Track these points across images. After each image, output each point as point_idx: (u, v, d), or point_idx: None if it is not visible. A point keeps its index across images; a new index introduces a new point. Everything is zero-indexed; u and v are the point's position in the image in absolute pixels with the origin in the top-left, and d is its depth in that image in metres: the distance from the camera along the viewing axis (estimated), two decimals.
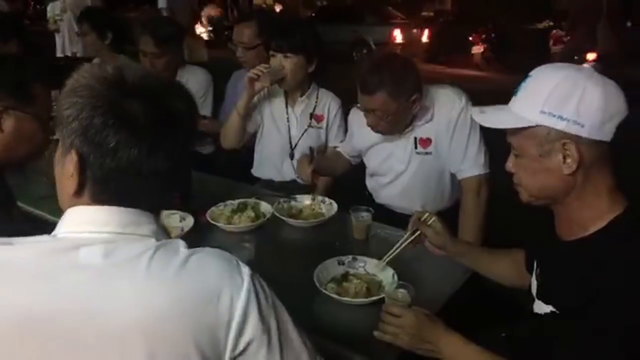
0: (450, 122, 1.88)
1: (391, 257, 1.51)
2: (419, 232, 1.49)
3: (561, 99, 0.95)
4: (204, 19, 16.06)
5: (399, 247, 1.51)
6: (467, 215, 1.92)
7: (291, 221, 1.86)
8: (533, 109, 0.97)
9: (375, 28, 11.32)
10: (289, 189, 2.22)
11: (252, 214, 1.85)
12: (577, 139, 0.95)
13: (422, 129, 1.92)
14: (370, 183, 2.15)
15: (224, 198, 1.93)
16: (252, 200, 1.94)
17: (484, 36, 10.12)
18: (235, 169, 2.52)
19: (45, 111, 1.42)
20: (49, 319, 0.73)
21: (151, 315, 0.73)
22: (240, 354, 0.79)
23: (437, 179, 1.99)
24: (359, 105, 1.88)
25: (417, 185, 1.99)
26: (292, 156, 2.34)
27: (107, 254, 0.76)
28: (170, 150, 0.81)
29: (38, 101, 1.38)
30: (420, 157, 1.95)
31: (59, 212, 0.84)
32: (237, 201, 1.92)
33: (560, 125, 0.96)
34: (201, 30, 15.94)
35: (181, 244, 0.82)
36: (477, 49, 10.12)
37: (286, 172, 2.36)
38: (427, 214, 1.49)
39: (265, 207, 1.91)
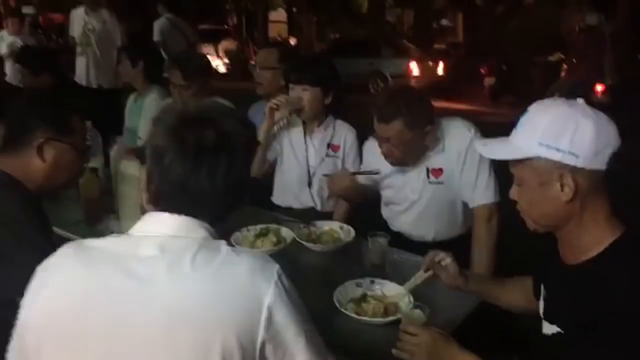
0: (461, 153, 1.98)
1: (410, 288, 1.57)
2: (432, 273, 1.55)
3: (556, 132, 1.04)
4: (221, 52, 16.47)
5: (414, 281, 1.57)
6: (479, 242, 2.00)
7: (311, 246, 1.94)
8: (531, 142, 1.06)
9: (391, 61, 11.56)
10: (308, 216, 2.31)
11: (274, 239, 1.94)
12: (573, 169, 1.03)
13: (434, 160, 2.01)
14: (385, 211, 2.24)
15: (246, 223, 2.02)
16: (273, 226, 2.03)
17: (495, 68, 10.27)
18: (255, 195, 2.62)
19: (82, 141, 1.54)
20: (112, 294, 0.90)
21: (193, 300, 0.89)
22: (269, 342, 0.91)
23: (450, 208, 2.08)
24: (374, 135, 1.98)
25: (430, 213, 2.07)
26: (310, 184, 2.44)
27: (162, 249, 0.92)
28: (215, 170, 0.95)
29: (76, 132, 1.49)
30: (433, 187, 2.03)
31: (91, 236, 1.01)
32: (259, 226, 2.02)
33: (557, 157, 1.04)
34: (218, 62, 16.35)
35: (223, 243, 0.96)
36: (489, 81, 10.26)
37: (304, 199, 2.46)
38: (441, 255, 1.54)
39: (287, 232, 2.00)
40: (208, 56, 3.25)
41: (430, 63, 11.74)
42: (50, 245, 1.32)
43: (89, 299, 0.91)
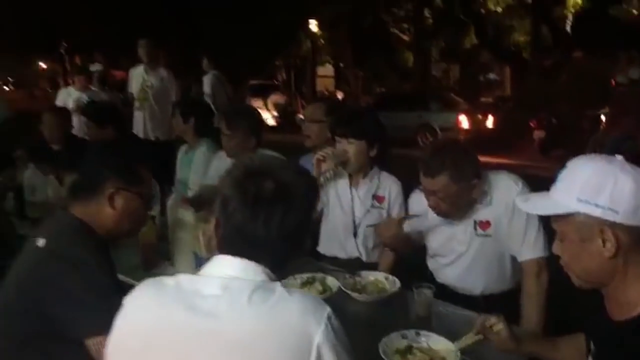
0: (508, 206, 1.97)
1: (460, 347, 1.54)
2: (482, 337, 1.52)
3: (595, 188, 1.05)
4: (270, 106, 17.03)
5: (464, 341, 1.55)
6: (529, 298, 1.96)
7: (356, 295, 1.96)
8: (571, 197, 1.08)
9: (439, 114, 11.66)
10: (353, 266, 2.33)
11: (320, 288, 1.97)
12: (613, 225, 1.04)
13: (481, 212, 2.02)
14: (431, 263, 2.23)
15: (293, 272, 2.06)
16: (319, 275, 2.07)
17: (544, 122, 10.16)
18: None
19: (149, 190, 1.66)
20: (175, 327, 1.00)
21: (249, 334, 0.97)
22: None
23: (498, 261, 2.06)
24: (420, 187, 2.02)
25: (478, 266, 2.06)
26: (355, 235, 2.48)
27: (223, 288, 1.01)
28: (270, 218, 1.04)
29: (144, 182, 1.62)
30: (481, 239, 2.03)
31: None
32: (305, 275, 2.06)
33: (597, 212, 1.05)
34: (267, 116, 16.89)
35: (278, 284, 1.03)
36: (538, 134, 10.13)
37: (350, 249, 2.49)
38: (492, 320, 1.52)
39: (332, 281, 2.03)
40: (257, 109, 3.40)
41: (480, 116, 11.75)
42: (117, 288, 1.41)
43: (154, 330, 1.01)
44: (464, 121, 11.36)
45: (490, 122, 11.75)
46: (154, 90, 5.13)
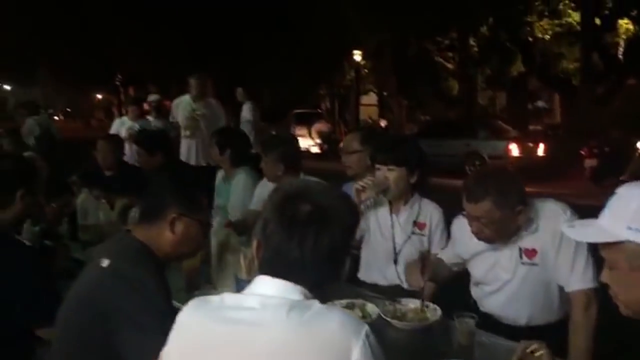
0: (556, 235, 1.92)
1: None
2: None
3: None
4: (314, 134, 17.25)
5: None
6: (577, 330, 1.88)
7: (396, 323, 1.94)
8: (620, 225, 1.05)
9: (488, 142, 11.50)
10: (394, 293, 2.31)
11: (360, 314, 1.95)
12: None
13: (527, 240, 1.97)
14: (474, 291, 2.19)
15: (333, 297, 2.06)
16: (359, 301, 2.06)
17: (596, 150, 9.84)
18: None
19: (207, 218, 1.71)
20: (218, 338, 1.06)
21: (288, 344, 1.00)
22: None
23: (545, 291, 1.99)
24: (464, 213, 1.99)
25: (523, 295, 2.00)
26: (396, 262, 2.46)
27: (262, 304, 1.06)
28: (304, 240, 1.07)
29: (203, 209, 1.69)
30: (526, 268, 1.97)
31: None
32: (345, 301, 2.05)
33: None
34: (310, 143, 17.10)
35: (316, 302, 1.05)
36: (589, 163, 9.81)
37: (390, 277, 2.47)
38: (534, 345, 1.47)
39: (372, 308, 2.01)
40: (301, 137, 3.46)
41: (530, 144, 11.49)
42: (171, 312, 1.46)
43: (202, 344, 1.07)
44: (514, 149, 11.14)
45: (541, 150, 11.47)
46: (204, 119, 5.29)
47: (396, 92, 19.81)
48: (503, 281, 2.03)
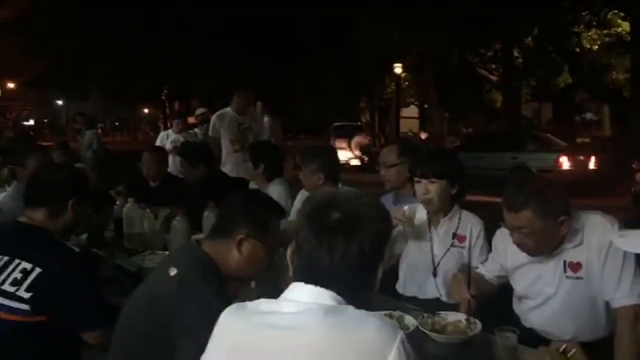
0: (602, 248, 1.85)
1: None
2: None
3: None
4: (354, 146, 17.26)
5: None
6: (622, 348, 1.80)
7: (434, 336, 1.90)
8: None
9: (536, 155, 11.18)
10: (432, 306, 2.27)
11: (397, 325, 1.93)
12: None
13: (571, 253, 1.91)
14: (517, 306, 2.13)
15: (370, 309, 2.04)
16: (397, 312, 2.03)
17: None
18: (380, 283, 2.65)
19: (276, 242, 1.71)
20: (256, 343, 1.08)
21: (324, 346, 1.02)
22: None
23: (590, 306, 1.92)
24: (505, 224, 1.95)
25: (568, 310, 1.93)
26: (435, 274, 2.42)
27: (297, 309, 1.08)
28: (333, 247, 1.09)
29: (271, 233, 1.69)
30: (571, 282, 1.91)
31: None
32: (382, 312, 2.03)
33: None
34: (350, 155, 17.12)
35: (351, 307, 1.06)
36: None
37: (429, 290, 2.43)
38: (565, 346, 1.44)
39: (410, 320, 1.98)
40: (341, 150, 3.48)
41: (581, 157, 11.13)
42: None
43: (239, 348, 1.10)
44: (564, 162, 10.80)
45: (592, 163, 11.09)
46: (251, 132, 5.37)
47: (437, 104, 19.64)
48: (546, 295, 1.97)
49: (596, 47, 15.31)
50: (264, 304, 1.14)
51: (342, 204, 1.12)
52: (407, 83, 21.35)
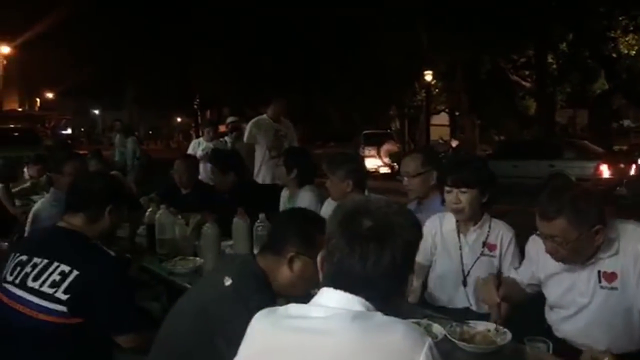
0: (638, 258, 1.80)
1: None
2: None
3: None
4: (383, 154, 17.19)
5: None
6: None
7: (463, 345, 1.87)
8: None
9: (574, 162, 10.91)
10: (462, 316, 2.24)
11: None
12: None
13: (606, 263, 1.86)
14: (549, 315, 2.09)
15: (397, 317, 2.03)
16: (424, 321, 2.01)
17: None
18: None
19: None
20: (284, 346, 1.10)
21: (353, 349, 1.03)
22: None
23: (625, 317, 1.87)
24: (539, 232, 1.92)
25: (602, 321, 1.89)
26: (465, 284, 2.39)
27: (326, 313, 1.10)
28: (366, 254, 1.09)
29: (319, 248, 1.71)
30: (605, 292, 1.87)
31: None
32: (410, 320, 2.01)
33: None
34: (379, 163, 17.05)
35: (379, 313, 1.07)
36: None
37: (460, 299, 2.40)
38: (599, 354, 1.42)
39: (437, 328, 1.96)
40: (370, 158, 3.48)
41: (622, 165, 10.81)
42: None
43: (269, 351, 1.12)
44: (604, 170, 10.51)
45: (633, 170, 10.75)
46: (287, 139, 5.44)
47: (468, 111, 19.40)
48: (580, 306, 1.93)
49: (634, 52, 14.88)
50: (293, 308, 1.16)
51: (373, 211, 1.13)
52: (437, 90, 21.16)
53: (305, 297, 1.22)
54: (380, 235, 1.10)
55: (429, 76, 18.95)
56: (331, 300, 1.12)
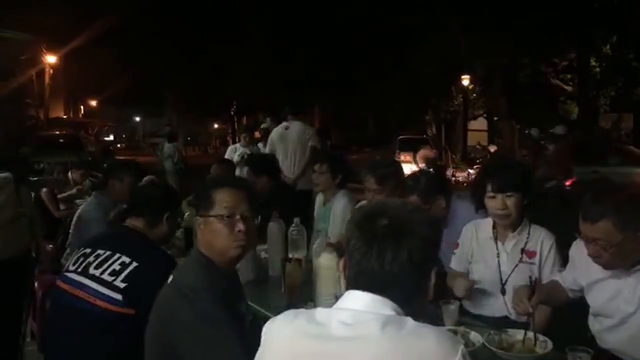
0: None
1: None
2: None
3: None
4: (419, 159, 17.02)
5: None
6: None
7: (502, 354, 1.83)
8: None
9: (621, 169, 10.43)
10: (500, 325, 2.18)
11: (462, 342, 1.87)
12: None
13: None
14: (593, 324, 2.00)
15: (435, 324, 1.99)
16: (461, 328, 1.98)
17: None
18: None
19: (231, 213, 1.74)
20: (310, 353, 1.09)
21: (384, 358, 1.01)
22: None
23: None
24: (582, 236, 1.85)
25: None
26: (503, 292, 2.33)
27: (353, 319, 1.08)
28: (383, 254, 1.09)
29: (217, 205, 1.71)
30: None
31: None
32: (446, 328, 1.98)
33: None
34: (415, 169, 16.86)
35: (410, 319, 1.05)
36: None
37: (498, 308, 2.34)
38: None
39: (475, 336, 1.92)
40: (406, 164, 3.47)
41: None
42: (235, 317, 1.55)
43: (294, 356, 1.10)
44: None
45: None
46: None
47: (507, 116, 19.01)
48: (625, 314, 1.85)
49: None
50: (319, 313, 1.15)
51: (389, 211, 1.14)
52: (475, 95, 20.83)
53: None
54: (396, 232, 1.10)
55: (466, 81, 18.68)
56: (358, 304, 1.10)
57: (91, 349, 1.92)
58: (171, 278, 1.65)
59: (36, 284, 2.92)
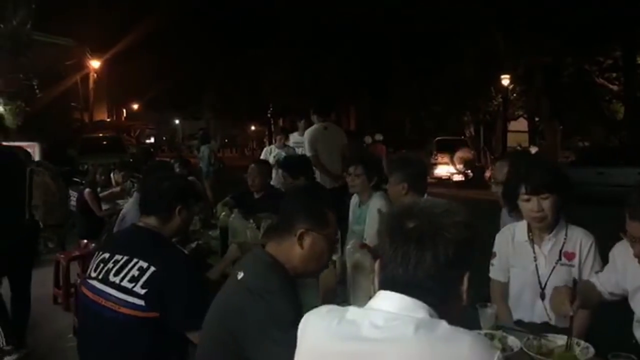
0: None
1: None
2: None
3: None
4: (456, 161, 16.78)
5: None
6: None
7: (541, 359, 1.78)
8: None
9: None
10: (540, 330, 2.12)
11: (499, 346, 1.82)
12: None
13: None
14: (637, 331, 1.93)
15: (471, 329, 1.96)
16: (499, 333, 1.93)
17: None
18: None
19: (334, 234, 1.76)
20: (342, 353, 1.08)
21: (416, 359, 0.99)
22: None
23: None
24: (627, 235, 1.78)
25: None
26: (542, 296, 2.26)
27: (385, 320, 1.06)
28: (407, 255, 1.07)
29: (330, 225, 1.74)
30: None
31: None
32: (483, 331, 1.94)
33: None
34: (452, 170, 16.65)
35: (444, 322, 1.02)
36: None
37: (537, 313, 2.27)
38: None
39: (513, 341, 1.87)
40: (443, 165, 3.45)
41: None
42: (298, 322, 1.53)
43: (325, 355, 1.10)
44: None
45: None
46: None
47: (549, 116, 18.49)
48: None
49: None
50: (351, 313, 1.13)
51: (417, 212, 1.11)
52: (514, 94, 20.34)
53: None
54: (421, 235, 1.07)
55: (506, 80, 18.27)
56: (390, 305, 1.08)
57: (121, 353, 1.95)
58: (240, 275, 1.64)
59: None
